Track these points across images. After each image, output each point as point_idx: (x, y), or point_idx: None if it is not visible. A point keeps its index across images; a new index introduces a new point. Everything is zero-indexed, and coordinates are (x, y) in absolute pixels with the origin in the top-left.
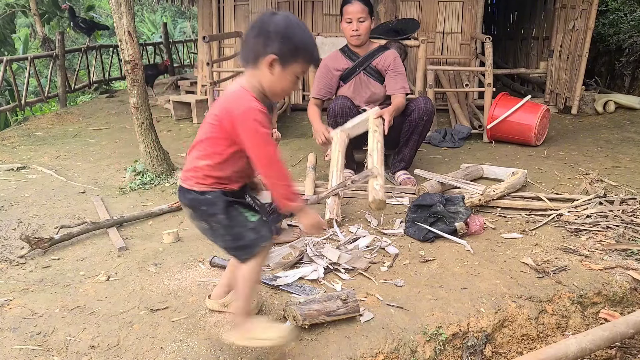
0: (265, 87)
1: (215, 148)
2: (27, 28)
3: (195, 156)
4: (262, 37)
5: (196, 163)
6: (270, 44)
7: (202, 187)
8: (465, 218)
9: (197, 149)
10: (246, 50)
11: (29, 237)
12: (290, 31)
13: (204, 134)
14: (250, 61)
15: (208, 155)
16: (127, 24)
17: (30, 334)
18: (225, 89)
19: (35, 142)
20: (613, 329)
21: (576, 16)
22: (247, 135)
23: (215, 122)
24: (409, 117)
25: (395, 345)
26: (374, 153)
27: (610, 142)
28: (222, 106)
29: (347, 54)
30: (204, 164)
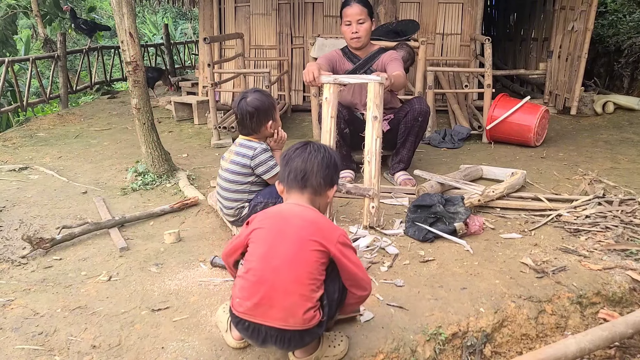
0: (322, 209)
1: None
2: (29, 29)
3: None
4: (330, 170)
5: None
6: (335, 176)
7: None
8: (464, 218)
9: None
10: (314, 178)
11: (30, 237)
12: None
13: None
14: (314, 187)
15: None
16: (128, 25)
17: (32, 334)
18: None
19: (37, 142)
20: (612, 329)
21: (575, 17)
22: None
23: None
24: (404, 119)
25: (395, 345)
26: (372, 160)
27: (609, 143)
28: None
29: (348, 55)
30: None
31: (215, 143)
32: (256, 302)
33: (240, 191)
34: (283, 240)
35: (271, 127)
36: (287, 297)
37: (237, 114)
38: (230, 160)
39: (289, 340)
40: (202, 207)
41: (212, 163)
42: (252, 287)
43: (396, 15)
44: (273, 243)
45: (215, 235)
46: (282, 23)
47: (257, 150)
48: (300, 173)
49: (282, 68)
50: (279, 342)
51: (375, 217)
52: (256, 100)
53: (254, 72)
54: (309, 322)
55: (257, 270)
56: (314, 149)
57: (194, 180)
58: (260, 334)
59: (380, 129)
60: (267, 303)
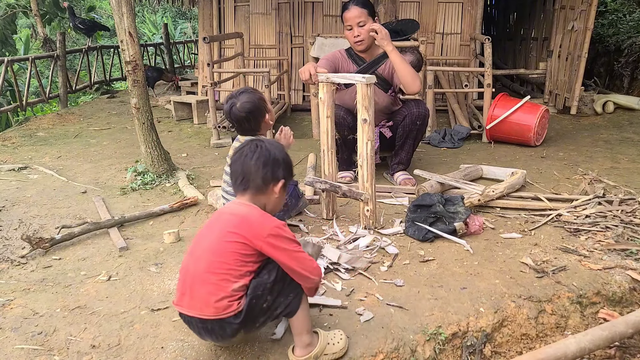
0: (269, 208)
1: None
2: (28, 29)
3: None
4: (269, 167)
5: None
6: (278, 170)
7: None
8: (464, 218)
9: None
10: (252, 179)
11: (30, 237)
12: (287, 157)
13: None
14: (255, 187)
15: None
16: (128, 25)
17: (32, 334)
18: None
19: (37, 142)
20: (612, 328)
21: (575, 17)
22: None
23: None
24: (402, 123)
25: (395, 344)
26: (365, 164)
27: (609, 143)
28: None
29: (354, 57)
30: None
31: (214, 142)
32: (182, 293)
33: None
34: (208, 235)
35: (268, 119)
36: (202, 286)
37: (231, 120)
38: None
39: (212, 330)
40: (202, 206)
41: (211, 163)
42: (180, 279)
43: (396, 14)
44: (200, 238)
45: None
46: (281, 22)
47: None
48: (239, 177)
49: (282, 67)
50: (206, 332)
51: (371, 219)
52: (246, 103)
53: (253, 72)
54: (223, 311)
55: (184, 262)
56: (250, 149)
57: (193, 180)
58: (192, 325)
59: (371, 132)
60: (189, 293)
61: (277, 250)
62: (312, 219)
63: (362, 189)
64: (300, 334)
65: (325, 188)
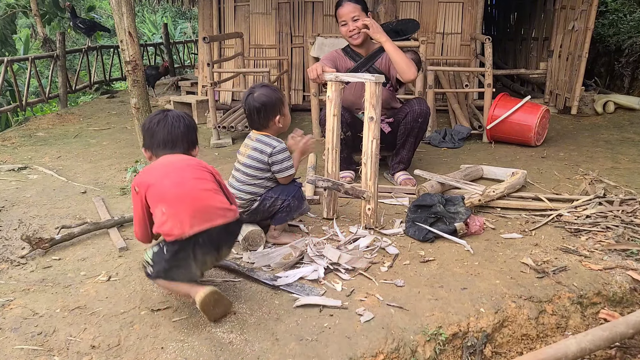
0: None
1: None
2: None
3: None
4: (192, 133)
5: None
6: (195, 137)
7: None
8: (465, 218)
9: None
10: (181, 145)
11: (29, 237)
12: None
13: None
14: (184, 151)
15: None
16: (127, 25)
17: (31, 334)
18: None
19: (36, 142)
20: (613, 329)
21: (576, 17)
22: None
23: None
24: (403, 120)
25: (395, 345)
26: (369, 162)
27: (609, 143)
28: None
29: (350, 54)
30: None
31: (214, 143)
32: (192, 216)
33: (256, 185)
34: (182, 170)
35: (279, 121)
36: (211, 200)
37: (245, 109)
38: (247, 155)
39: (232, 232)
40: None
41: (211, 163)
42: (185, 206)
43: (396, 14)
44: (175, 174)
45: None
46: (281, 22)
47: (277, 148)
48: (169, 143)
49: (282, 67)
50: (227, 237)
51: (372, 218)
52: (263, 95)
53: (253, 72)
54: (236, 214)
55: (178, 195)
56: (174, 118)
57: None
58: (213, 240)
59: (377, 130)
60: (205, 210)
61: (221, 184)
62: (312, 219)
63: (365, 187)
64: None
65: (328, 186)
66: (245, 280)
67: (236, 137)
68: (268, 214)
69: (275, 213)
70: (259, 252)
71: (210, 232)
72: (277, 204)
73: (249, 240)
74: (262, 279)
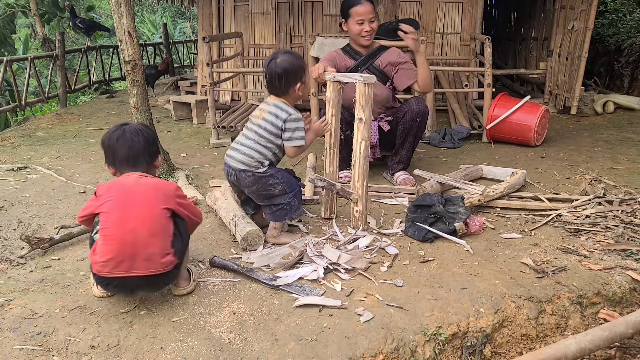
0: (154, 174)
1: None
2: (27, 28)
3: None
4: (152, 145)
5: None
6: (156, 147)
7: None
8: (464, 218)
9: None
10: (143, 159)
11: (29, 237)
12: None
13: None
14: (147, 165)
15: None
16: (127, 25)
17: (31, 334)
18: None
19: (36, 142)
20: (612, 329)
21: (575, 17)
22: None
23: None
24: (402, 120)
25: (395, 345)
26: (357, 163)
27: (609, 143)
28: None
29: (350, 53)
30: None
31: (214, 142)
32: (120, 261)
33: (267, 148)
34: (133, 205)
35: (299, 89)
36: (147, 249)
37: (266, 74)
38: (262, 117)
39: (155, 283)
40: (201, 206)
41: (210, 163)
42: (113, 249)
43: (396, 14)
44: (124, 209)
45: (214, 235)
46: (281, 22)
47: (292, 116)
48: (131, 159)
49: None
50: (147, 286)
51: (359, 221)
52: (285, 62)
53: (253, 72)
54: (168, 266)
55: (115, 234)
56: (132, 133)
57: (192, 180)
58: (128, 286)
59: (366, 131)
60: (131, 258)
61: (182, 206)
62: (312, 219)
63: (353, 189)
64: (182, 273)
65: (324, 186)
66: (244, 280)
67: (235, 137)
68: (263, 193)
69: (271, 200)
70: (258, 252)
71: (129, 279)
72: (276, 189)
73: (247, 240)
74: (261, 279)
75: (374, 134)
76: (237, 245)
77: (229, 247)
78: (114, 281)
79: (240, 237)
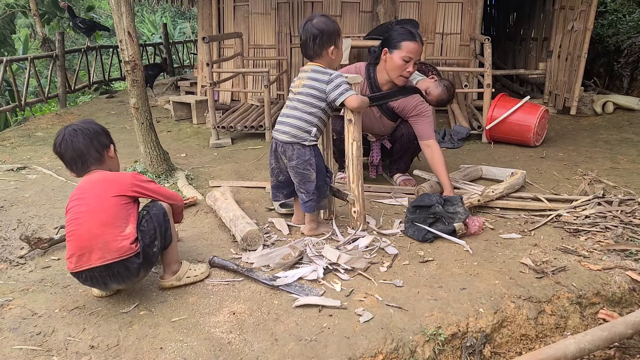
0: (114, 166)
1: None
2: (27, 28)
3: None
4: (95, 140)
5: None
6: (103, 138)
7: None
8: (464, 218)
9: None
10: (90, 159)
11: (28, 237)
12: (102, 126)
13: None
14: (95, 161)
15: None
16: (127, 25)
17: (30, 334)
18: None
19: (35, 142)
20: (612, 329)
21: (575, 17)
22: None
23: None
24: (399, 140)
25: (394, 345)
26: (350, 164)
27: (609, 143)
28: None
29: (371, 81)
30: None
31: (214, 143)
32: (81, 254)
33: (311, 114)
34: (82, 202)
35: (332, 53)
36: (99, 238)
37: (301, 35)
38: (302, 85)
39: (117, 274)
40: (201, 207)
41: (210, 163)
42: (73, 245)
43: (395, 14)
44: (76, 207)
45: (214, 235)
46: (281, 22)
47: (334, 75)
48: (78, 159)
49: (281, 67)
50: (111, 278)
51: (358, 221)
52: (322, 22)
53: (252, 72)
54: (125, 252)
55: (71, 231)
56: (70, 134)
57: (192, 180)
58: (96, 278)
59: (356, 132)
60: (89, 251)
61: (144, 189)
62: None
63: (349, 190)
64: (170, 263)
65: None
66: (244, 281)
67: (235, 137)
68: (302, 172)
69: (305, 184)
70: (257, 252)
71: (92, 271)
72: (310, 171)
73: (247, 240)
74: (261, 279)
75: (376, 154)
76: (236, 245)
77: (228, 247)
78: (82, 275)
79: (239, 237)
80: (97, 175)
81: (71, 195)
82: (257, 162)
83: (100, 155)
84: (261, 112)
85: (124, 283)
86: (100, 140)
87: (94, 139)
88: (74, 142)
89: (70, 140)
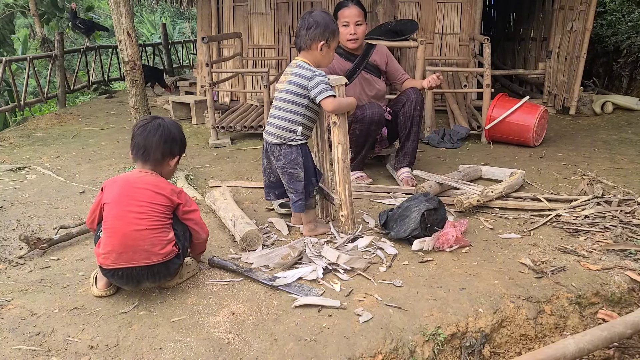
0: (166, 174)
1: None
2: (26, 28)
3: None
4: (168, 144)
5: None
6: (175, 147)
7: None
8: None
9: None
10: (153, 153)
11: (28, 237)
12: (183, 136)
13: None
14: (155, 160)
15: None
16: (126, 25)
17: (30, 335)
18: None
19: (35, 142)
20: (611, 329)
21: (574, 17)
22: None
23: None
24: (402, 110)
25: (394, 345)
26: (337, 167)
27: (608, 143)
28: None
29: (344, 55)
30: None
31: (213, 143)
32: (120, 252)
33: (295, 113)
34: (131, 200)
35: (321, 48)
36: (145, 240)
37: (299, 25)
38: (286, 81)
39: (157, 272)
40: (200, 207)
41: (210, 163)
42: (114, 242)
43: (395, 14)
44: (123, 203)
45: (214, 235)
46: (280, 22)
47: (316, 72)
48: (141, 149)
49: (281, 67)
50: (150, 276)
51: (346, 225)
52: (320, 17)
53: (252, 72)
54: (169, 255)
55: (114, 227)
56: (154, 126)
57: (192, 180)
58: (132, 276)
59: (342, 135)
60: (131, 250)
61: (188, 219)
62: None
63: (335, 193)
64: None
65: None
66: (243, 281)
67: (235, 137)
68: (289, 171)
69: (293, 183)
70: (257, 252)
71: (131, 269)
72: (297, 170)
73: (246, 240)
74: (260, 279)
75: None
76: (236, 245)
77: (228, 247)
78: (117, 272)
79: (239, 237)
80: (151, 178)
81: (113, 182)
82: (257, 162)
83: (162, 159)
84: (260, 112)
85: (158, 282)
86: (171, 147)
87: (168, 143)
88: (149, 135)
89: (148, 131)
